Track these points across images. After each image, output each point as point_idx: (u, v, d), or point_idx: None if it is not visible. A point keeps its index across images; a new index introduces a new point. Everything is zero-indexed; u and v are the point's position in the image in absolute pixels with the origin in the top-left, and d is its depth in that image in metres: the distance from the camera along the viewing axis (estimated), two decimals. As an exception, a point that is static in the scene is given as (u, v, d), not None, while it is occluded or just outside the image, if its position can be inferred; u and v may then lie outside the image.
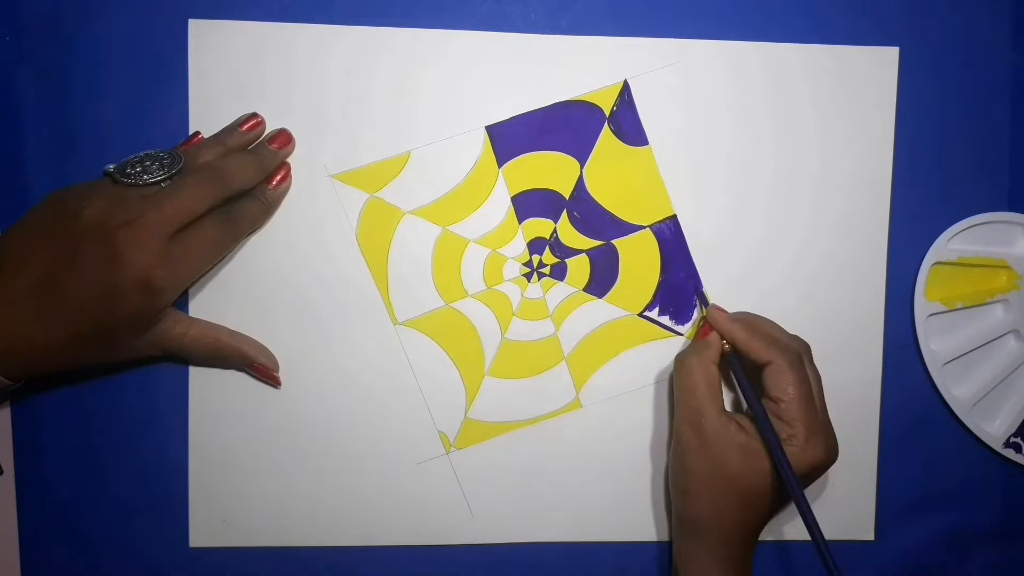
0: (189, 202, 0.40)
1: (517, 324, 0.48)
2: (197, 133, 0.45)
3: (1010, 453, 0.50)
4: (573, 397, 0.48)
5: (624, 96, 0.48)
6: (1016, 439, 0.50)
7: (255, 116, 0.45)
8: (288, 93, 0.46)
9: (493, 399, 0.48)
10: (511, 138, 0.47)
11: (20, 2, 0.45)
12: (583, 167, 0.48)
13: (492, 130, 0.47)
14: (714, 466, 0.43)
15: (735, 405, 0.48)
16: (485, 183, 0.47)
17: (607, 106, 0.48)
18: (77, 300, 0.39)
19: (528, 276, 0.48)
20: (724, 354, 0.45)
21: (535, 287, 0.48)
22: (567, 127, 0.47)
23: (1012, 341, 0.50)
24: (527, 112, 0.47)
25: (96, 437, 0.46)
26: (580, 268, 0.48)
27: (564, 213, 0.48)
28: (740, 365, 0.45)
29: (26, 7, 0.45)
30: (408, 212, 0.47)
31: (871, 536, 0.50)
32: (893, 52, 0.49)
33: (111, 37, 0.45)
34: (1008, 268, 0.49)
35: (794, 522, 0.49)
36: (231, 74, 0.46)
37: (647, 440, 0.49)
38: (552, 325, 0.48)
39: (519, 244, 0.48)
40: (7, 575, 0.46)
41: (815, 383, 0.44)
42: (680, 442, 0.44)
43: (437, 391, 0.47)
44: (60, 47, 0.45)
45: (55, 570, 0.47)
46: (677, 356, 0.46)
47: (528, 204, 0.48)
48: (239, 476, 0.47)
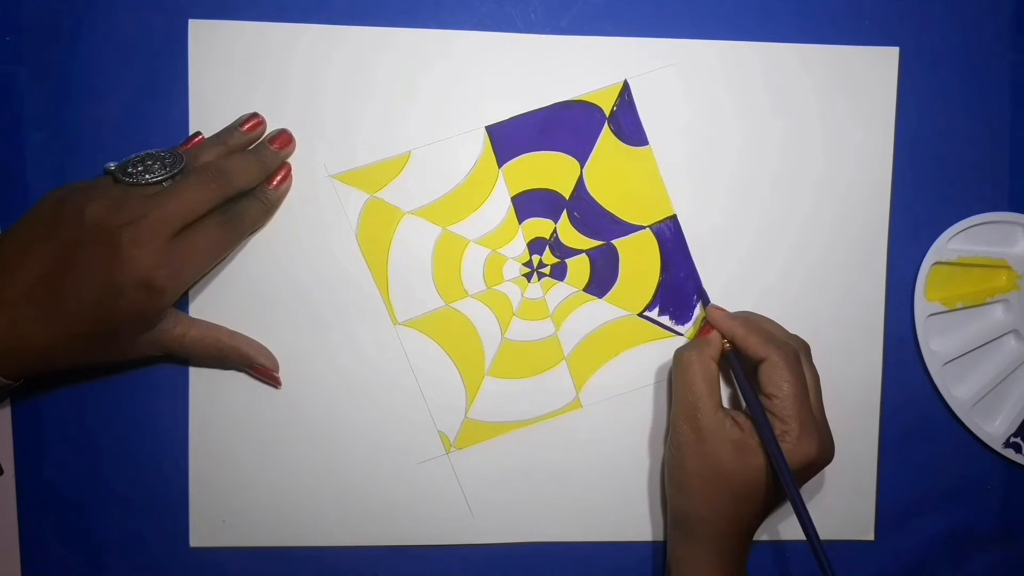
0: (191, 202, 0.40)
1: (517, 324, 0.48)
2: (198, 133, 0.45)
3: (1010, 453, 0.50)
4: (573, 397, 0.48)
5: (624, 96, 0.48)
6: (1016, 439, 0.50)
7: (256, 116, 0.45)
8: (288, 93, 0.46)
9: (493, 399, 0.48)
10: (511, 138, 0.47)
11: (20, 2, 0.45)
12: (583, 167, 0.48)
13: (492, 130, 0.47)
14: (709, 461, 0.43)
15: (733, 403, 0.48)
16: (485, 183, 0.47)
17: (607, 106, 0.48)
18: (78, 300, 0.39)
19: (528, 276, 0.48)
20: (724, 352, 0.45)
21: (535, 287, 0.48)
22: (567, 127, 0.47)
23: (1012, 341, 0.50)
24: (527, 112, 0.47)
25: (96, 437, 0.46)
26: (580, 268, 0.48)
27: (564, 213, 0.48)
28: (739, 362, 0.45)
29: (26, 7, 0.45)
30: (408, 212, 0.47)
31: (871, 536, 0.50)
32: (893, 52, 0.49)
33: (111, 37, 0.45)
34: (1008, 268, 0.49)
35: (790, 521, 0.49)
36: (231, 74, 0.46)
37: (647, 440, 0.49)
38: (552, 325, 0.48)
39: (519, 244, 0.48)
40: (7, 575, 0.46)
41: (812, 382, 0.44)
42: (676, 436, 0.44)
43: (437, 391, 0.47)
44: (60, 47, 0.45)
45: (55, 570, 0.47)
46: (676, 351, 0.46)
47: (528, 204, 0.48)
48: (239, 476, 0.47)
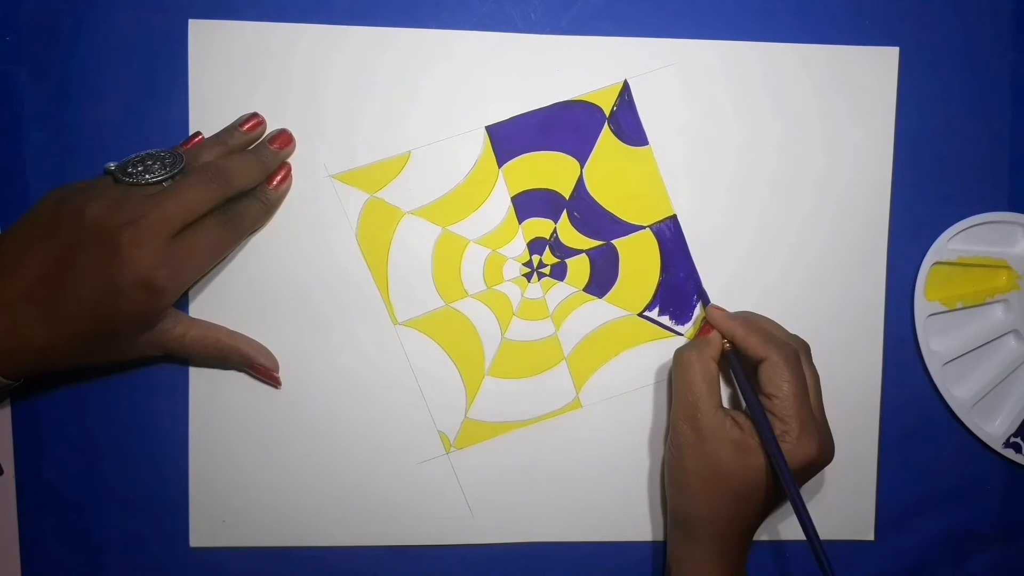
0: (191, 202, 0.40)
1: (517, 324, 0.48)
2: (198, 133, 0.45)
3: (1010, 453, 0.50)
4: (573, 397, 0.48)
5: (624, 96, 0.48)
6: (1016, 439, 0.50)
7: (256, 116, 0.45)
8: (288, 93, 0.46)
9: (493, 399, 0.48)
10: (511, 138, 0.47)
11: (20, 2, 0.45)
12: (583, 167, 0.48)
13: (492, 130, 0.47)
14: (708, 461, 0.43)
15: (732, 403, 0.48)
16: (485, 183, 0.47)
17: (607, 106, 0.48)
18: (78, 300, 0.39)
19: (528, 276, 0.48)
20: (724, 352, 0.45)
21: (535, 287, 0.48)
22: (567, 127, 0.47)
23: (1012, 341, 0.50)
24: (527, 112, 0.47)
25: (96, 437, 0.46)
26: (580, 268, 0.48)
27: (564, 213, 0.48)
28: (739, 362, 0.45)
29: (26, 7, 0.45)
30: (408, 212, 0.47)
31: (871, 536, 0.50)
32: (893, 52, 0.49)
33: (111, 37, 0.45)
34: (1008, 268, 0.49)
35: (790, 521, 0.49)
36: (231, 74, 0.46)
37: (647, 440, 0.49)
38: (552, 325, 0.48)
39: (519, 244, 0.48)
40: (7, 575, 0.46)
41: (812, 382, 0.44)
42: (676, 436, 0.44)
43: (437, 391, 0.47)
44: (60, 47, 0.45)
45: (55, 570, 0.47)
46: (676, 351, 0.46)
47: (528, 204, 0.48)
48: (239, 476, 0.47)
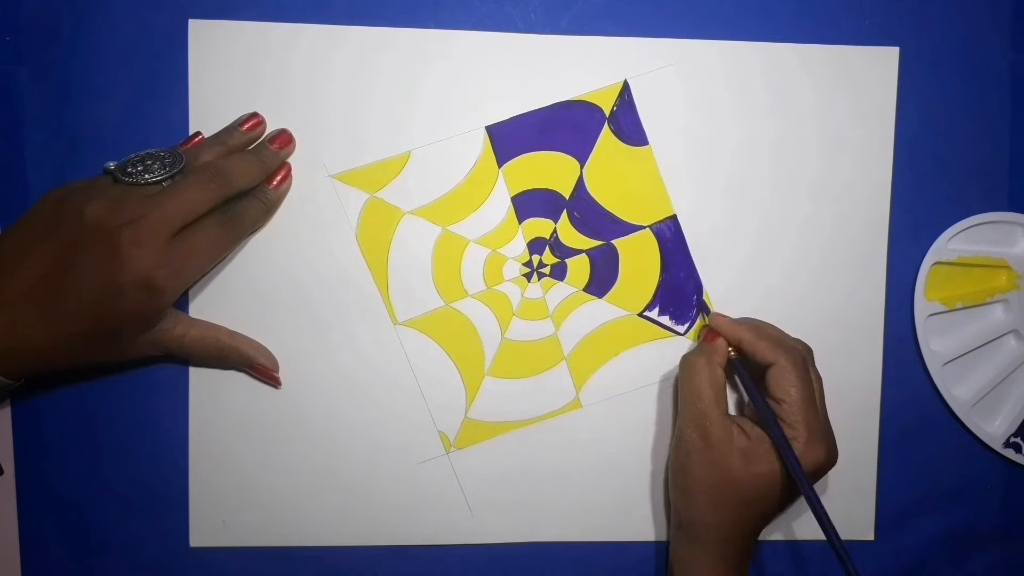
0: (191, 202, 0.40)
1: (517, 324, 0.48)
2: (198, 133, 0.45)
3: (1010, 453, 0.50)
4: (573, 397, 0.48)
5: (624, 96, 0.48)
6: (1016, 439, 0.50)
7: (255, 116, 0.45)
8: (288, 93, 0.46)
9: (493, 399, 0.48)
10: (511, 138, 0.47)
11: (20, 2, 0.45)
12: (583, 167, 0.48)
13: (492, 130, 0.47)
14: (716, 469, 0.43)
15: (736, 409, 0.48)
16: (485, 183, 0.47)
17: (607, 106, 0.48)
18: (78, 300, 0.39)
19: (528, 276, 0.48)
20: (729, 360, 0.45)
21: (535, 287, 0.48)
22: (567, 127, 0.47)
23: (1012, 341, 0.50)
24: (527, 112, 0.47)
25: (96, 437, 0.46)
26: (580, 268, 0.48)
27: (564, 213, 0.48)
28: (746, 369, 0.45)
29: (26, 7, 0.45)
30: (408, 212, 0.47)
31: (871, 536, 0.50)
32: (893, 52, 0.49)
33: (111, 37, 0.45)
34: (1008, 268, 0.49)
35: (796, 522, 0.49)
36: (231, 74, 0.46)
37: (647, 440, 0.49)
38: (552, 325, 0.48)
39: (519, 244, 0.48)
40: (7, 575, 0.46)
41: (817, 386, 0.44)
42: (683, 443, 0.44)
43: (437, 391, 0.47)
44: (60, 47, 0.45)
45: (55, 570, 0.47)
46: (683, 357, 0.46)
47: (528, 204, 0.48)
48: (239, 476, 0.47)
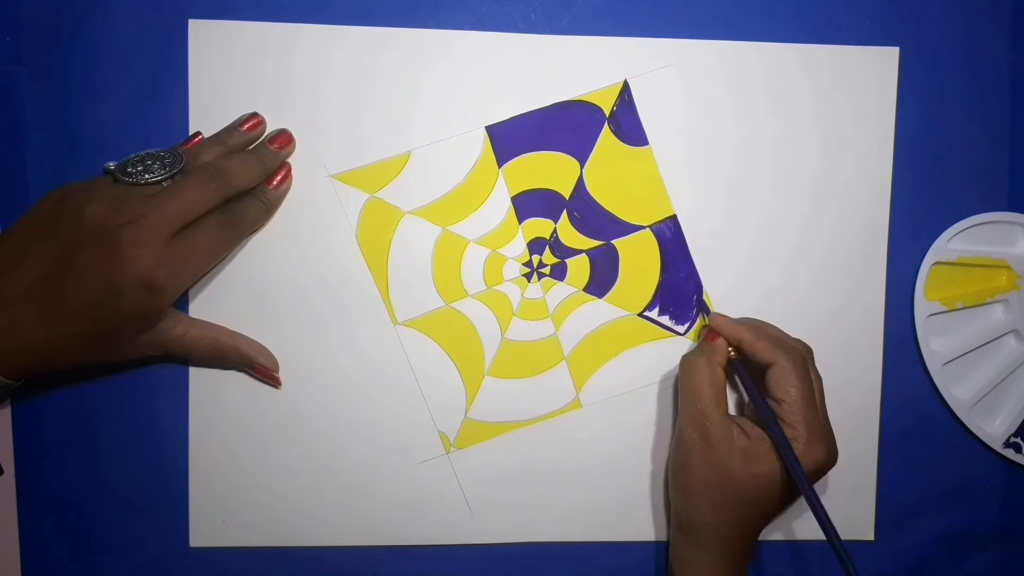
0: (191, 202, 0.40)
1: (517, 324, 0.48)
2: (198, 133, 0.45)
3: (1010, 453, 0.50)
4: (573, 397, 0.48)
5: (624, 96, 0.48)
6: (1016, 439, 0.50)
7: (255, 116, 0.45)
8: (288, 93, 0.46)
9: (493, 399, 0.48)
10: (511, 138, 0.47)
11: (20, 2, 0.45)
12: (583, 167, 0.48)
13: (492, 130, 0.47)
14: (716, 469, 0.43)
15: (737, 408, 0.48)
16: (485, 183, 0.47)
17: (607, 106, 0.48)
18: (78, 299, 0.39)
19: (528, 276, 0.48)
20: (729, 360, 0.45)
21: (535, 287, 0.48)
22: (567, 127, 0.47)
23: (1012, 341, 0.50)
24: (527, 112, 0.47)
25: (96, 437, 0.46)
26: (580, 268, 0.48)
27: (564, 213, 0.48)
28: (746, 369, 0.45)
29: (26, 7, 0.45)
30: (408, 212, 0.47)
31: (871, 536, 0.50)
32: (893, 52, 0.49)
33: (111, 37, 0.45)
34: (1008, 268, 0.49)
35: (796, 522, 0.49)
36: (231, 74, 0.46)
37: (647, 440, 0.49)
38: (552, 325, 0.48)
39: (519, 244, 0.48)
40: (7, 575, 0.46)
41: (817, 386, 0.44)
42: (683, 443, 0.44)
43: (437, 391, 0.47)
44: (60, 47, 0.45)
45: (55, 570, 0.47)
46: (683, 357, 0.46)
47: (528, 204, 0.48)
48: (239, 476, 0.47)
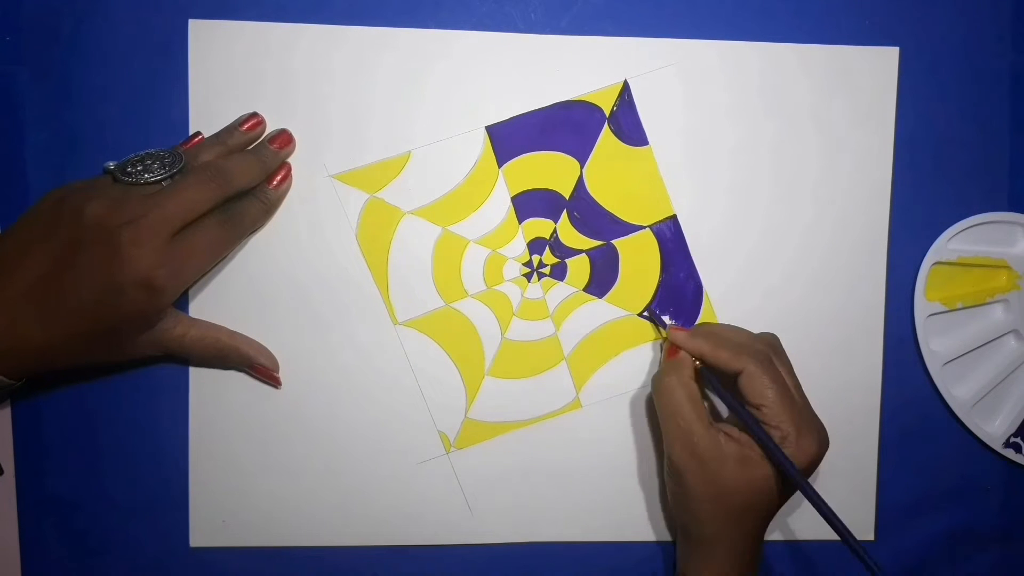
0: (190, 202, 0.40)
1: (517, 324, 0.48)
2: (198, 133, 0.45)
3: (1010, 453, 0.50)
4: (573, 397, 0.48)
5: (624, 96, 0.48)
6: (1016, 439, 0.50)
7: (255, 116, 0.45)
8: (288, 93, 0.46)
9: (493, 399, 0.48)
10: (511, 138, 0.47)
11: (20, 2, 0.45)
12: (583, 167, 0.48)
13: (492, 130, 0.47)
14: (713, 483, 0.42)
15: (715, 414, 0.48)
16: (485, 183, 0.47)
17: (607, 106, 0.48)
18: (78, 299, 0.39)
19: (528, 276, 0.48)
20: (697, 370, 0.45)
21: (535, 287, 0.48)
22: (567, 127, 0.47)
23: (1012, 341, 0.50)
24: (527, 112, 0.47)
25: (96, 437, 0.46)
26: (580, 268, 0.48)
27: (564, 213, 0.48)
28: (715, 378, 0.44)
29: (26, 7, 0.45)
30: (408, 212, 0.47)
31: (871, 536, 0.50)
32: (893, 52, 0.49)
33: (111, 37, 0.45)
34: (1008, 268, 0.49)
35: (797, 522, 0.49)
36: (231, 74, 0.46)
37: (647, 440, 0.49)
38: (552, 325, 0.48)
39: (519, 244, 0.48)
40: (7, 575, 0.46)
41: (787, 373, 0.44)
42: (674, 464, 0.43)
43: (437, 391, 0.47)
44: (60, 47, 0.45)
45: (55, 570, 0.46)
46: (654, 377, 0.45)
47: (528, 204, 0.48)
48: (239, 476, 0.47)
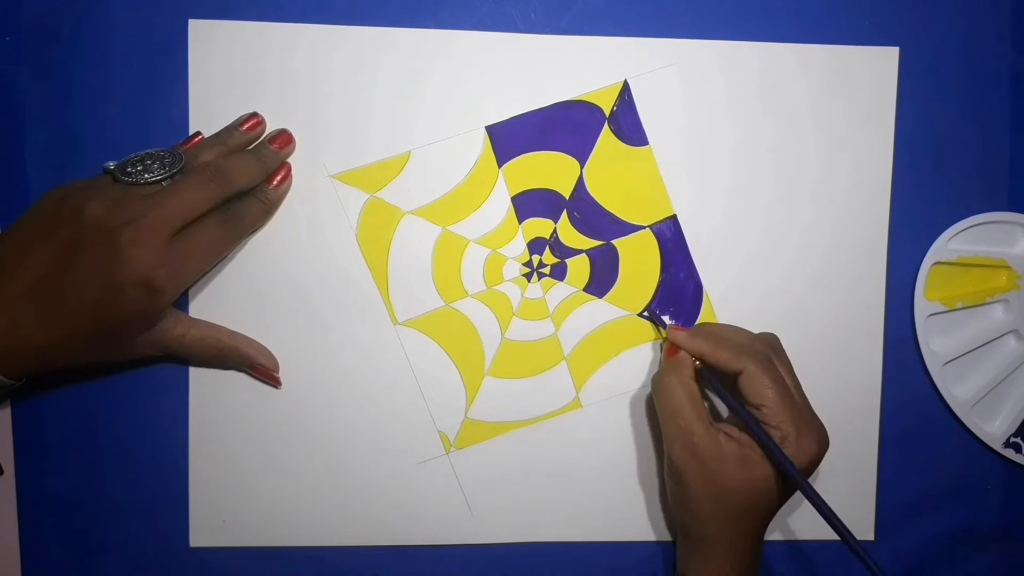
0: (190, 202, 0.40)
1: (517, 324, 0.48)
2: (198, 133, 0.45)
3: (1010, 453, 0.50)
4: (573, 397, 0.48)
5: (624, 96, 0.48)
6: (1016, 439, 0.50)
7: (255, 116, 0.45)
8: (288, 93, 0.46)
9: (493, 399, 0.48)
10: (511, 138, 0.47)
11: (20, 2, 0.45)
12: (583, 167, 0.48)
13: (492, 130, 0.47)
14: (713, 483, 0.42)
15: (715, 414, 0.48)
16: (485, 183, 0.47)
17: (607, 106, 0.48)
18: (78, 299, 0.39)
19: (528, 276, 0.48)
20: (697, 369, 0.45)
21: (535, 287, 0.48)
22: (567, 127, 0.47)
23: (1012, 341, 0.50)
24: (527, 112, 0.47)
25: (96, 437, 0.46)
26: (580, 268, 0.48)
27: (564, 213, 0.48)
28: (715, 378, 0.44)
29: (26, 7, 0.45)
30: (408, 212, 0.47)
31: (871, 536, 0.50)
32: (893, 52, 0.49)
33: (111, 37, 0.45)
34: (1008, 268, 0.49)
35: (797, 522, 0.49)
36: (231, 74, 0.46)
37: (647, 440, 0.49)
38: (552, 325, 0.48)
39: (519, 244, 0.48)
40: (7, 575, 0.46)
41: (787, 373, 0.44)
42: (674, 464, 0.43)
43: (437, 391, 0.47)
44: (60, 47, 0.45)
45: (55, 570, 0.46)
46: (654, 378, 0.45)
47: (528, 204, 0.48)
48: (239, 476, 0.47)
